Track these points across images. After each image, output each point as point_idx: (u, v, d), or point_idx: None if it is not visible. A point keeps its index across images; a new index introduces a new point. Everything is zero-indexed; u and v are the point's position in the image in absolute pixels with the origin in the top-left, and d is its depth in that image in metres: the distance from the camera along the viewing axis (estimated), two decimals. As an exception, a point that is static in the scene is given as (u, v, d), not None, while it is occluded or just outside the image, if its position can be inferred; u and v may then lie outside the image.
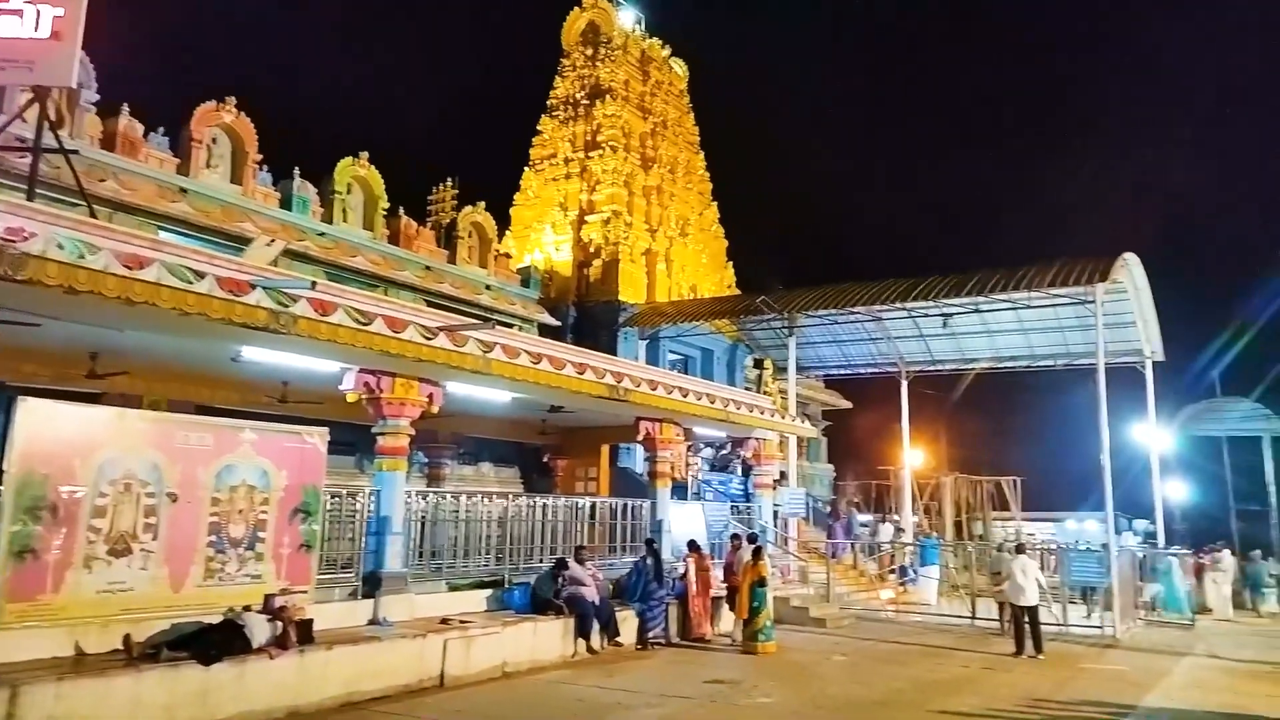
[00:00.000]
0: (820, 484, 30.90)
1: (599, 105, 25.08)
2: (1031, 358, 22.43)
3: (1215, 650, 14.04)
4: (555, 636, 10.94)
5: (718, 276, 26.85)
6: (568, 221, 24.50)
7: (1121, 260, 16.41)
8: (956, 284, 18.05)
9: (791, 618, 14.94)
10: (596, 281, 23.41)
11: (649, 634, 12.11)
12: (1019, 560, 13.32)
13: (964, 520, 26.49)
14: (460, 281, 19.59)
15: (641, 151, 25.25)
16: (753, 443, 17.60)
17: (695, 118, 27.82)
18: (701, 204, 26.86)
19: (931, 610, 17.33)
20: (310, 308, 8.38)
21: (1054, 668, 11.92)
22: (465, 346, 9.90)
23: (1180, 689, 10.76)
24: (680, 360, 24.39)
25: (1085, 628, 14.90)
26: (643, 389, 12.80)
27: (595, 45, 26.13)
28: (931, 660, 12.31)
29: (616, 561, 13.68)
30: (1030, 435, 38.21)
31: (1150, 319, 19.41)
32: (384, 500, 10.11)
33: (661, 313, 22.53)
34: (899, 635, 14.48)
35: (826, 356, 25.02)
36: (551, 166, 25.49)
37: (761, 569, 12.62)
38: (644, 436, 14.31)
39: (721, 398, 15.32)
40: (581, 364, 11.80)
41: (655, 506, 14.54)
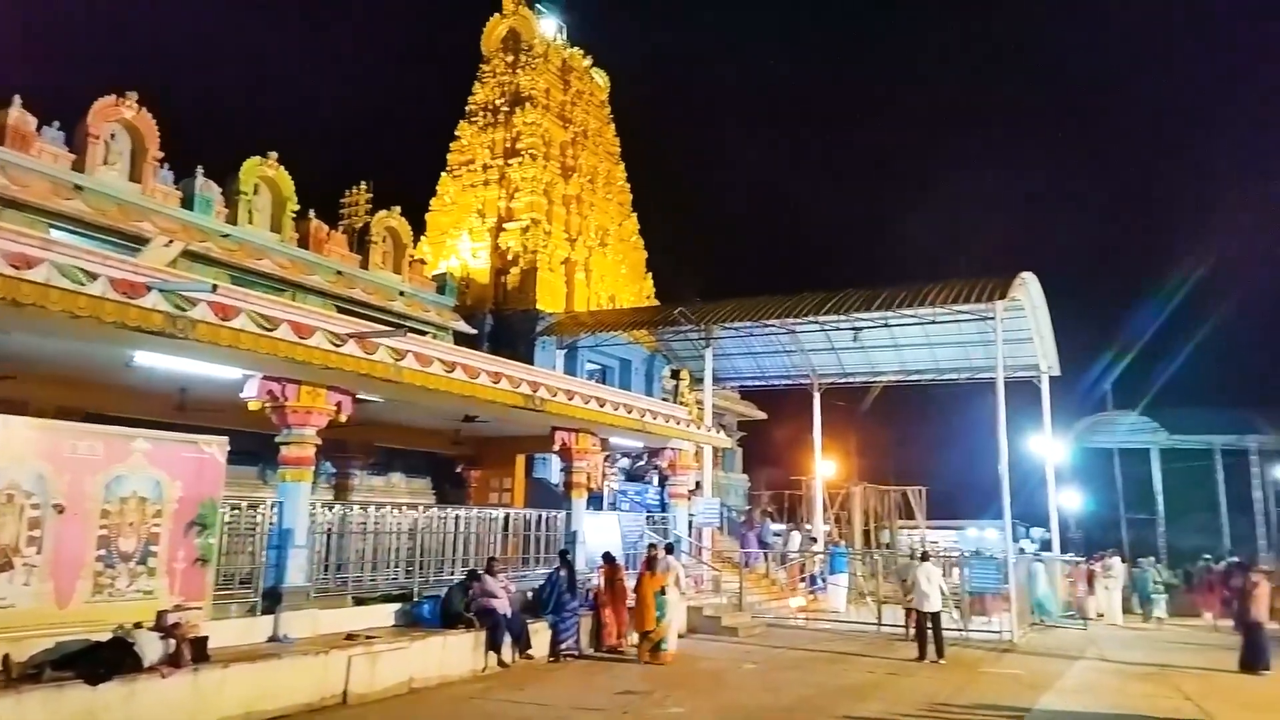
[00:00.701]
0: (735, 494, 31.23)
1: (519, 113, 24.95)
2: (937, 371, 23.17)
3: (1105, 653, 14.70)
4: (466, 650, 10.76)
5: (637, 287, 26.96)
6: (485, 229, 24.27)
7: (1020, 279, 17.11)
8: (866, 299, 18.52)
9: (704, 627, 15.05)
10: (514, 290, 23.23)
11: (561, 646, 12.01)
12: (923, 568, 13.72)
13: (872, 529, 27.16)
14: (373, 287, 19.17)
15: (561, 160, 25.21)
16: (669, 453, 17.70)
17: (616, 129, 27.93)
18: (621, 214, 26.96)
19: (840, 617, 17.69)
20: (210, 312, 8.07)
21: (955, 672, 12.30)
22: (376, 354, 9.70)
23: (1073, 691, 11.22)
24: (598, 370, 24.37)
25: (984, 632, 15.41)
26: (559, 399, 12.75)
27: (516, 52, 26.01)
28: (839, 666, 12.55)
29: (530, 573, 13.56)
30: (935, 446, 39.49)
31: (1046, 335, 20.28)
32: (287, 512, 9.79)
33: (580, 322, 22.49)
34: (808, 642, 14.72)
35: (742, 368, 25.35)
36: (470, 173, 25.22)
37: (661, 579, 12.62)
38: (560, 447, 14.25)
39: (639, 408, 15.38)
40: (497, 373, 11.68)
41: (570, 517, 14.47)
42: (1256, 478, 34.23)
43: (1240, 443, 34.21)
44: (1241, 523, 33.95)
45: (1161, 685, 11.68)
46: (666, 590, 12.77)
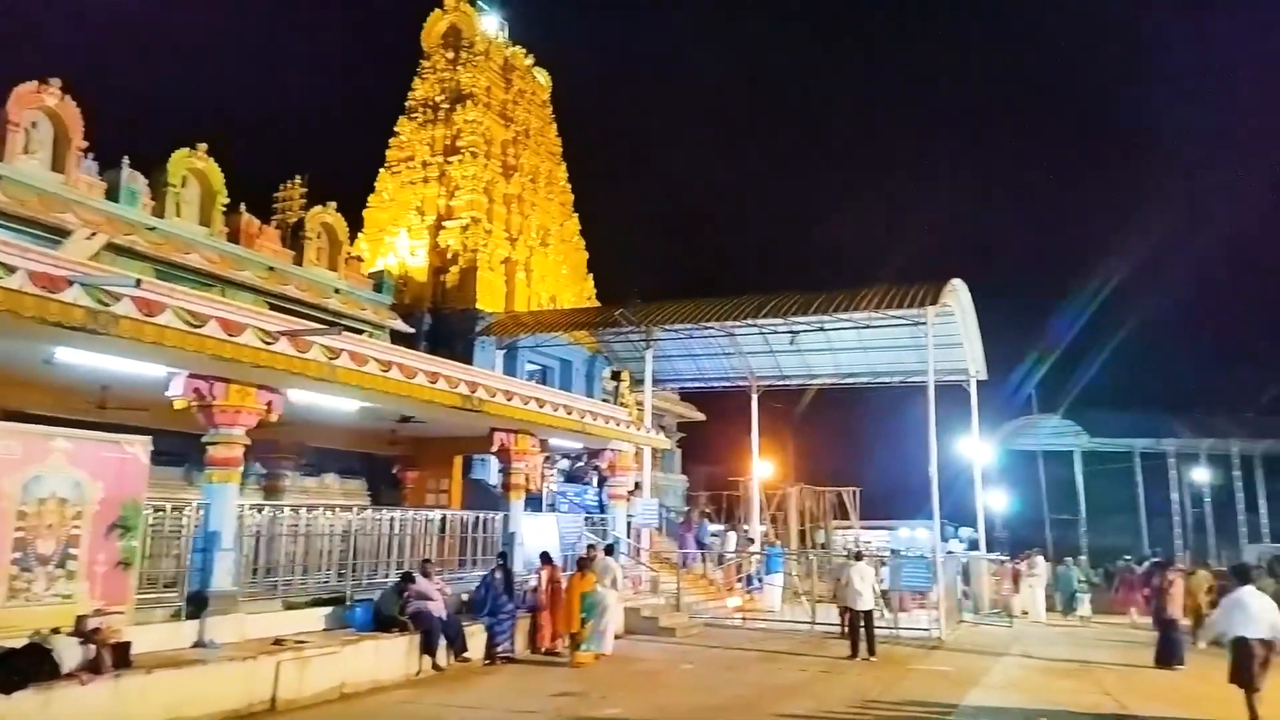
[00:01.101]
0: (674, 495, 31.40)
1: (460, 110, 24.72)
2: (871, 374, 23.61)
3: (1029, 650, 15.16)
4: (399, 654, 10.61)
5: (578, 288, 26.93)
6: (424, 226, 23.98)
7: (950, 285, 17.55)
8: (803, 303, 18.80)
9: (642, 628, 15.09)
10: (453, 289, 23.00)
11: (497, 648, 11.92)
12: (856, 567, 13.98)
13: (808, 529, 27.58)
14: (307, 284, 18.78)
15: (503, 159, 25.05)
16: (608, 454, 17.72)
17: (558, 129, 27.88)
18: (563, 215, 26.90)
19: (775, 616, 17.91)
20: (134, 307, 7.82)
21: (885, 669, 12.56)
22: (309, 352, 9.50)
23: (998, 687, 11.54)
24: (538, 371, 24.28)
25: (914, 630, 15.76)
26: (498, 399, 12.66)
27: (457, 49, 25.77)
28: (773, 665, 12.72)
29: (467, 575, 13.44)
30: (869, 447, 40.25)
31: (975, 340, 20.83)
32: (214, 514, 9.54)
33: (520, 322, 22.37)
34: (744, 642, 14.87)
35: (682, 369, 25.48)
36: (409, 170, 24.90)
37: (589, 580, 12.60)
38: (499, 448, 14.15)
39: (579, 409, 15.35)
40: (434, 373, 11.55)
41: (508, 519, 14.38)
42: (1174, 480, 35.71)
43: (1158, 446, 35.65)
44: (1159, 523, 35.38)
45: (1082, 681, 12.09)
46: (603, 591, 12.80)
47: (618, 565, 14.35)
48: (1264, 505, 34.41)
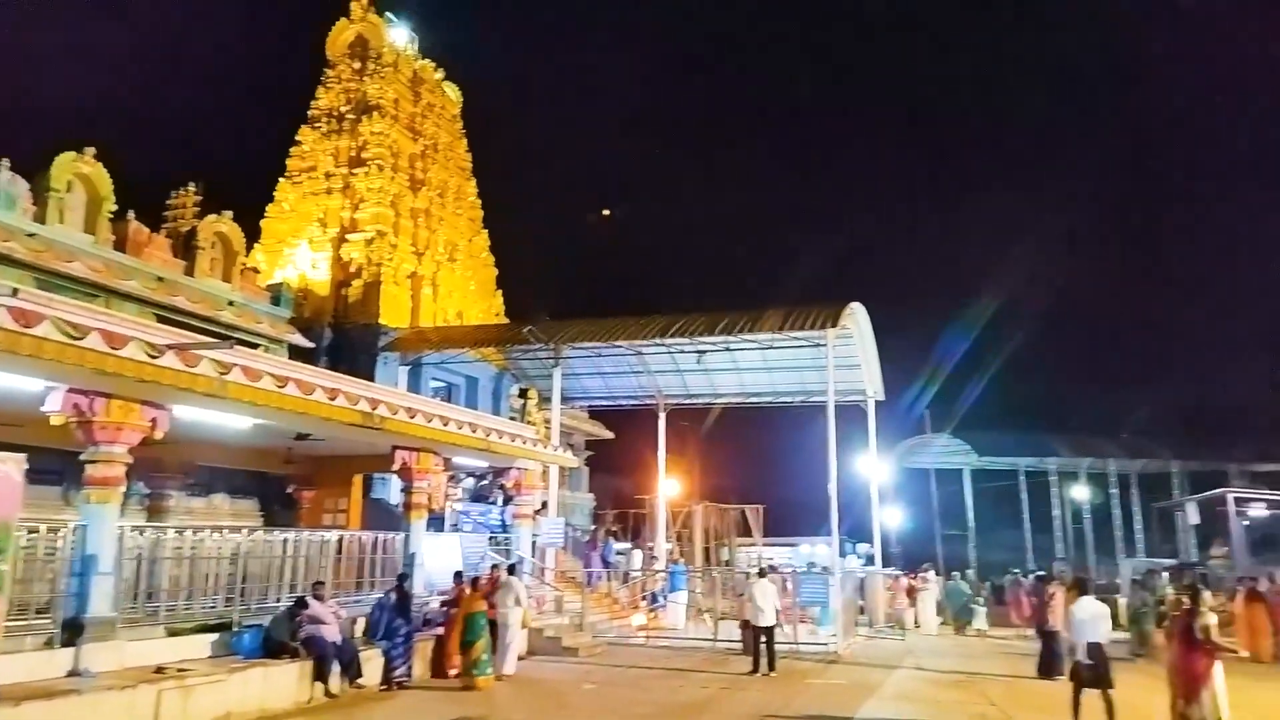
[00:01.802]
0: (581, 513, 31.29)
1: (366, 121, 24.29)
2: (774, 394, 24.13)
3: (921, 662, 15.66)
4: (290, 681, 10.24)
5: (486, 304, 26.69)
6: (327, 239, 23.41)
7: (849, 309, 18.15)
8: (709, 323, 19.13)
9: (545, 648, 14.97)
10: (356, 303, 22.50)
11: (394, 673, 11.62)
12: (759, 584, 14.22)
13: (712, 546, 27.84)
14: (199, 295, 18.06)
15: (410, 173, 24.69)
16: (514, 472, 17.55)
17: (469, 144, 27.65)
18: (472, 230, 26.66)
19: (679, 634, 18.02)
20: (9, 317, 7.42)
21: (784, 684, 12.79)
22: (198, 367, 9.14)
23: (890, 699, 11.90)
24: (444, 388, 23.91)
25: (813, 645, 16.09)
26: (400, 417, 12.42)
27: (364, 59, 25.34)
28: (676, 682, 12.79)
29: (365, 598, 13.08)
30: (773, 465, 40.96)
31: (873, 361, 21.55)
32: (92, 536, 9.05)
33: (425, 338, 22.01)
34: (648, 660, 14.91)
35: (591, 387, 25.50)
36: (311, 180, 24.29)
37: (476, 600, 12.42)
38: (400, 466, 13.86)
39: (484, 427, 15.17)
40: (333, 389, 11.26)
41: (409, 539, 14.08)
42: (1055, 497, 37.57)
43: (1041, 464, 37.46)
44: (1043, 538, 37.15)
45: (970, 692, 12.56)
46: (504, 610, 12.68)
47: (520, 584, 14.21)
48: (1139, 521, 36.50)
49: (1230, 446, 36.95)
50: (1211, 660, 8.91)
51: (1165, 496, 34.91)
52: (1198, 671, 8.89)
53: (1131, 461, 37.04)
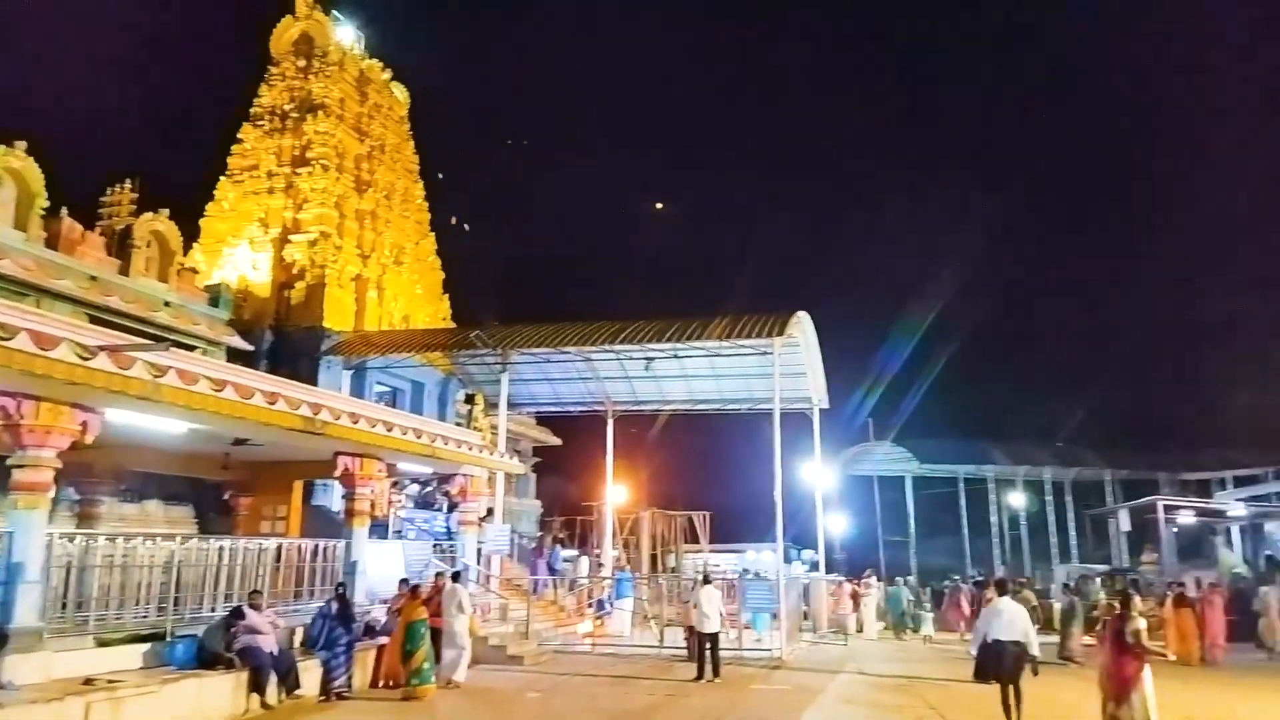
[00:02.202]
0: (527, 520, 31.08)
1: (310, 120, 23.87)
2: (722, 401, 24.28)
3: (863, 667, 15.88)
4: (225, 692, 9.97)
5: (433, 308, 26.39)
6: (269, 239, 22.93)
7: (796, 317, 18.36)
8: (659, 330, 19.18)
9: (490, 657, 14.81)
10: (299, 305, 22.06)
11: (333, 684, 11.39)
12: (704, 590, 14.27)
13: (659, 553, 27.90)
14: (134, 295, 17.54)
15: (356, 174, 24.32)
16: (460, 479, 17.35)
17: (416, 146, 27.35)
18: (419, 233, 26.35)
19: (625, 641, 17.99)
20: (-71, 317, 7.10)
21: (729, 690, 12.85)
22: (132, 369, 8.86)
23: (833, 703, 12.04)
24: (388, 393, 23.57)
25: (757, 650, 16.20)
26: (343, 422, 12.19)
27: (309, 57, 24.89)
28: (621, 690, 12.77)
29: (304, 607, 12.80)
30: (720, 472, 41.20)
31: (818, 370, 21.83)
32: (18, 544, 8.72)
33: (370, 342, 21.67)
34: (594, 668, 14.86)
35: (538, 393, 25.36)
36: (253, 179, 23.77)
37: (417, 609, 12.24)
38: (342, 472, 13.60)
39: (429, 433, 14.97)
40: (273, 393, 11.01)
41: (350, 547, 13.82)
42: (993, 504, 38.48)
43: (980, 472, 38.35)
44: (981, 544, 38.02)
45: (910, 695, 12.77)
46: (450, 618, 12.55)
47: (465, 591, 14.08)
48: (1073, 527, 37.55)
49: (1160, 456, 38.27)
50: (1141, 664, 9.18)
51: (1098, 504, 36.00)
52: (1128, 675, 9.15)
53: (1066, 470, 38.11)
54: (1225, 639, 18.30)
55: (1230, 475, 37.09)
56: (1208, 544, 30.15)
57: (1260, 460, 35.70)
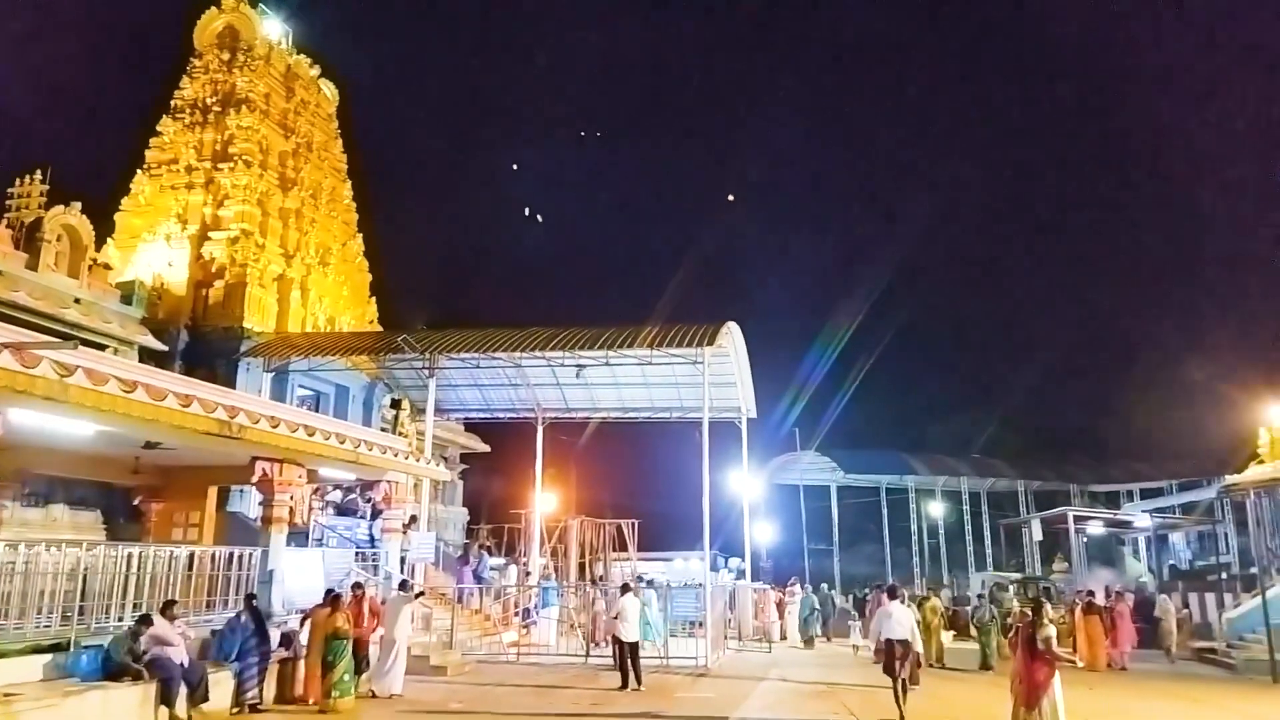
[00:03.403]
0: (454, 527, 30.64)
1: (233, 115, 23.20)
2: (652, 410, 24.37)
3: (786, 674, 16.06)
4: (132, 705, 9.55)
5: (359, 310, 25.85)
6: (186, 236, 22.18)
7: (726, 328, 18.54)
8: (590, 338, 19.15)
9: (411, 667, 14.46)
10: (217, 305, 21.38)
11: (246, 695, 11.02)
12: (627, 599, 14.26)
13: (587, 561, 27.77)
14: (42, 291, 16.77)
15: (280, 171, 23.71)
16: (384, 485, 16.96)
17: (345, 145, 26.81)
18: (346, 234, 25.80)
19: (551, 651, 17.86)
20: None
21: (654, 698, 12.84)
22: (38, 368, 8.45)
23: (756, 711, 12.14)
24: (311, 396, 22.99)
25: (682, 658, 16.25)
26: (261, 426, 11.80)
27: (233, 51, 24.22)
28: (545, 700, 12.65)
29: (217, 617, 12.35)
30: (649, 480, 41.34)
31: (746, 380, 22.08)
32: (-96, 552, 8.21)
33: (292, 344, 21.09)
34: (518, 677, 14.70)
35: (467, 399, 25.08)
36: (171, 173, 22.99)
37: (336, 619, 11.94)
38: (260, 478, 13.17)
39: (353, 438, 14.61)
40: (187, 396, 10.61)
41: (267, 555, 13.39)
42: (914, 513, 39.45)
43: (901, 482, 39.28)
44: (901, 552, 38.93)
45: (830, 701, 12.96)
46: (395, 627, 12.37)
47: (413, 600, 13.88)
48: (988, 536, 38.72)
49: (1072, 468, 39.80)
50: (1052, 670, 9.49)
51: (1013, 514, 37.21)
52: (1039, 680, 9.45)
53: (982, 480, 39.30)
54: (1132, 645, 19.10)
55: (1137, 488, 38.81)
56: (1115, 553, 31.45)
57: (1164, 473, 37.46)
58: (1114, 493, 39.59)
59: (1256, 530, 20.76)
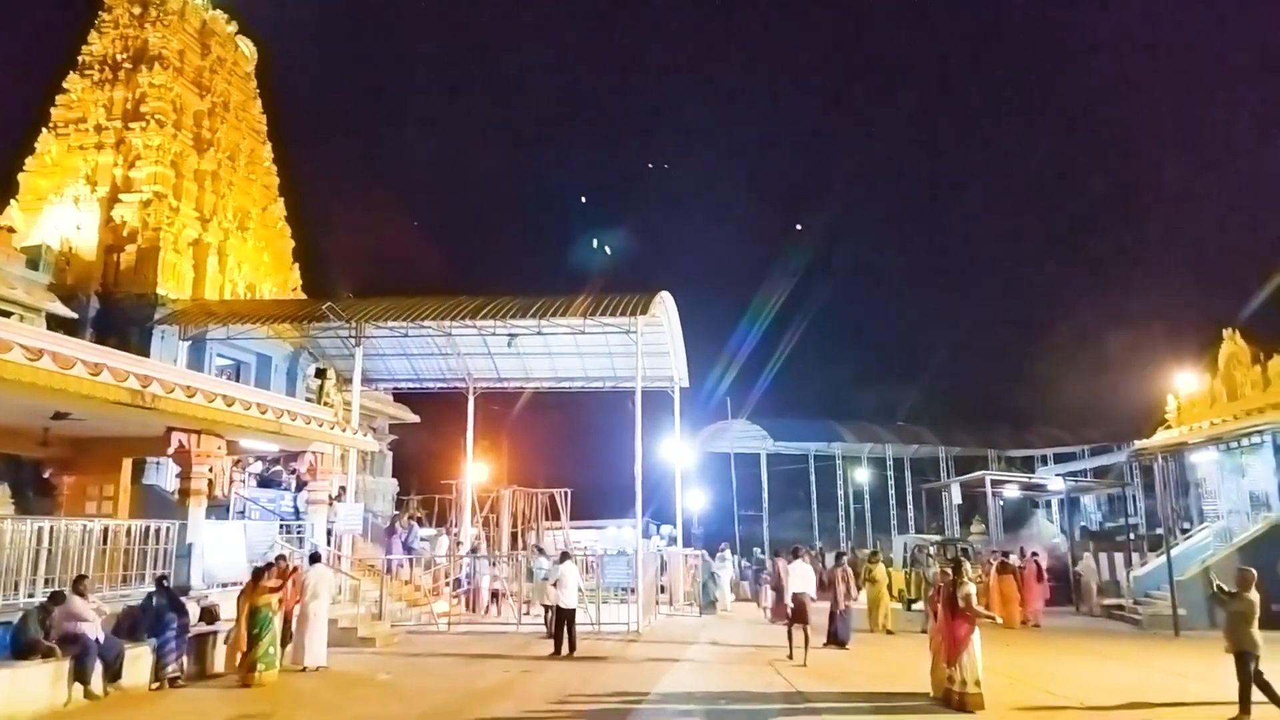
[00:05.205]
0: (383, 499, 30.18)
1: (145, 72, 22.10)
2: (585, 379, 24.33)
3: (716, 638, 16.33)
4: (43, 682, 9.22)
5: (281, 278, 25.05)
6: (96, 198, 21.14)
7: (659, 297, 18.54)
8: (522, 307, 18.95)
9: (339, 640, 14.29)
10: (129, 270, 20.47)
11: (166, 670, 10.73)
12: (566, 566, 14.29)
13: (520, 531, 27.73)
14: (-63, 255, 15.83)
15: (196, 132, 22.72)
16: (309, 457, 16.61)
17: (264, 106, 25.79)
18: (266, 198, 24.91)
19: (483, 620, 17.83)
20: None
21: (586, 665, 12.94)
22: (-70, 335, 7.99)
23: (687, 674, 12.32)
24: (231, 366, 22.26)
25: (614, 625, 16.38)
26: (176, 396, 11.40)
27: (145, 5, 23.02)
28: (476, 669, 12.62)
29: (134, 592, 11.97)
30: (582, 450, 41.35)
31: (679, 349, 22.17)
32: None
33: (210, 312, 20.35)
34: (449, 647, 14.63)
35: (396, 369, 24.64)
36: (79, 133, 21.86)
37: (262, 592, 11.68)
38: (176, 450, 12.75)
39: (275, 408, 14.23)
40: (97, 364, 10.17)
41: (185, 528, 13.00)
42: (840, 479, 40.35)
43: (829, 449, 40.10)
44: (828, 517, 39.87)
45: (758, 663, 13.22)
46: (310, 599, 12.21)
47: (329, 573, 13.64)
48: (910, 501, 39.87)
49: (991, 434, 41.13)
50: (972, 626, 9.83)
51: (934, 479, 38.31)
52: (959, 637, 9.78)
53: (906, 447, 40.37)
54: (1044, 603, 19.96)
55: (1051, 453, 40.33)
56: (1030, 515, 32.70)
57: (1078, 439, 39.02)
58: (1030, 458, 41.09)
59: (1163, 492, 21.84)
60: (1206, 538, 20.34)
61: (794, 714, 9.54)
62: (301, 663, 12.23)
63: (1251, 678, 8.98)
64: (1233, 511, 19.92)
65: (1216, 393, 20.50)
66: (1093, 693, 10.53)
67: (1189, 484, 23.02)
